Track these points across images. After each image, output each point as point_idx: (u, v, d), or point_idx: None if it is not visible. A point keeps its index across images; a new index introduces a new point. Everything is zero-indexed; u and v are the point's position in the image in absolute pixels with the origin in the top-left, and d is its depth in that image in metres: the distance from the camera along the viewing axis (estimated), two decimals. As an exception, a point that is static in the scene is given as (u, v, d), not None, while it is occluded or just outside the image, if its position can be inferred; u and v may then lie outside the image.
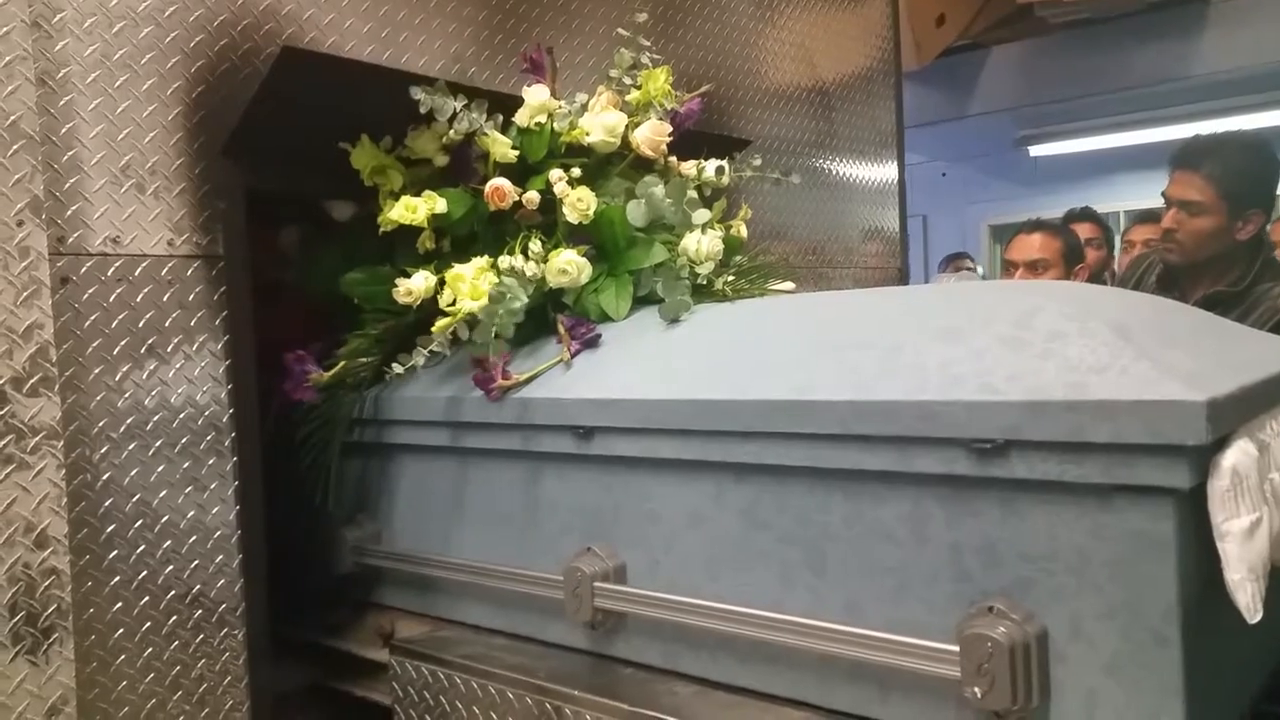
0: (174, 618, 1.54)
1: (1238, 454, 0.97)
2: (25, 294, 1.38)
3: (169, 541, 1.54)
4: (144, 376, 1.53)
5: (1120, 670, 0.99)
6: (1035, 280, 2.96)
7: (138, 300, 1.53)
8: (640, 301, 1.62)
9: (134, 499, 1.51)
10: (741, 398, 1.25)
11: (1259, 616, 0.96)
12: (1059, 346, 1.05)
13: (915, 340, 1.18)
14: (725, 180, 1.77)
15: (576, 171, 1.66)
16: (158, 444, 1.54)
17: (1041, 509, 1.03)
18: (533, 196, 1.65)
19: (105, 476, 1.48)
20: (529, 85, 1.72)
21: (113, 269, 1.50)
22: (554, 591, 1.44)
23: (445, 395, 1.62)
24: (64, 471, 1.41)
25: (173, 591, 1.54)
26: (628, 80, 1.79)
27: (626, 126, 1.72)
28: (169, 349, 1.56)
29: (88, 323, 1.48)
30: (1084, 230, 3.62)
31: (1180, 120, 6.42)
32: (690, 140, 1.81)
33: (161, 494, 1.54)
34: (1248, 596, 0.95)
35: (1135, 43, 6.09)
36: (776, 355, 1.30)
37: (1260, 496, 1.00)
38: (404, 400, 1.69)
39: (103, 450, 1.48)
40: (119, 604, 1.49)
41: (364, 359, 1.75)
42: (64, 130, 1.46)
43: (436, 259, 1.71)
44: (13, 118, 1.38)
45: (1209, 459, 0.96)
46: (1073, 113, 7.07)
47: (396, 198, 1.69)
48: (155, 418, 1.54)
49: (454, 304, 1.58)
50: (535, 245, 1.60)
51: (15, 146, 1.38)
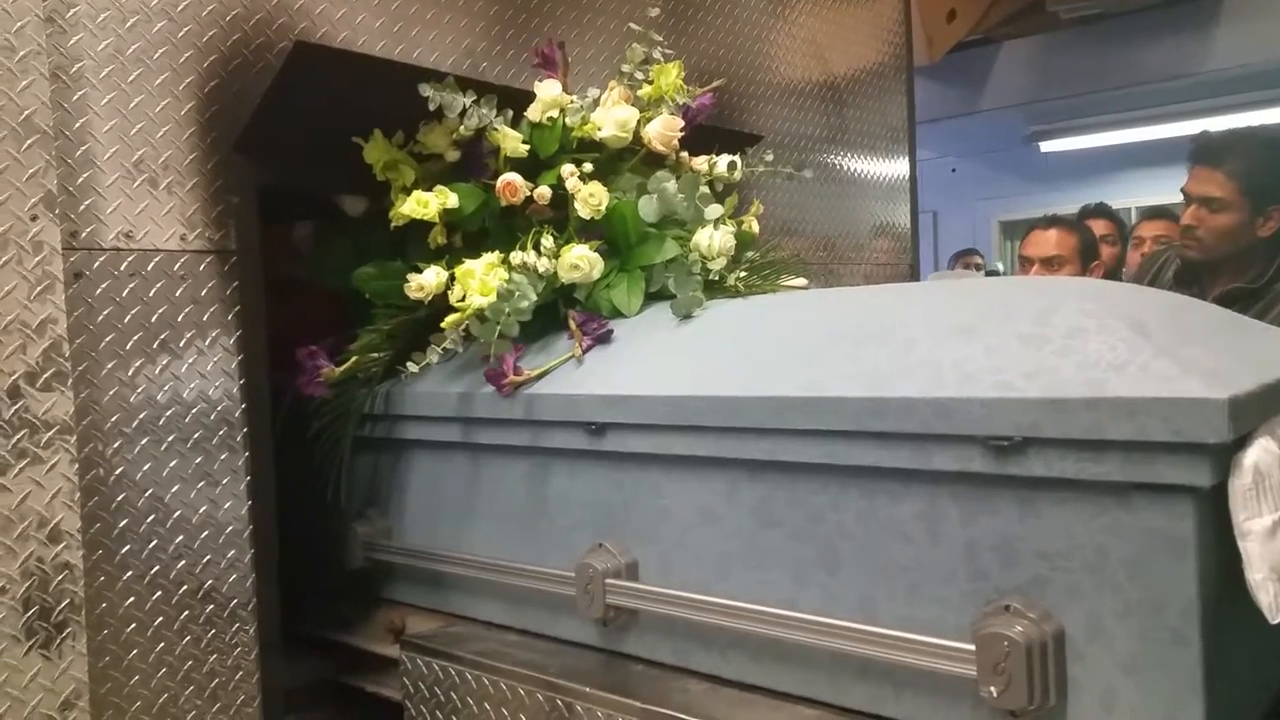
0: (186, 613, 1.55)
1: (1259, 452, 0.96)
2: (39, 289, 1.38)
3: (181, 536, 1.54)
4: (157, 371, 1.53)
5: (1138, 670, 0.99)
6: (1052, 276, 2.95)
7: (150, 295, 1.53)
8: (652, 297, 1.62)
9: (146, 494, 1.51)
10: (754, 394, 1.24)
11: (1280, 617, 0.95)
12: (1078, 343, 1.04)
13: (931, 337, 1.17)
14: (737, 175, 1.77)
15: (588, 166, 1.66)
16: (170, 439, 1.54)
17: (1059, 507, 1.02)
18: (544, 192, 1.65)
19: (118, 471, 1.49)
20: (541, 80, 1.72)
21: (126, 264, 1.51)
22: (565, 588, 1.44)
23: (457, 391, 1.61)
24: (77, 466, 1.42)
25: (185, 586, 1.54)
26: (639, 75, 1.79)
27: (638, 121, 1.71)
28: (181, 344, 1.56)
29: (101, 318, 1.48)
30: (1099, 226, 3.59)
31: (1193, 116, 6.38)
32: (702, 135, 1.81)
33: (174, 489, 1.54)
34: (1270, 596, 0.94)
35: (1147, 38, 6.05)
36: (789, 351, 1.30)
37: (1282, 495, 0.99)
38: (415, 395, 1.69)
39: (115, 445, 1.48)
40: (131, 599, 1.49)
41: (375, 354, 1.75)
42: (77, 125, 1.46)
43: (448, 254, 1.71)
44: (27, 112, 1.38)
45: (1230, 457, 0.96)
46: (1084, 108, 7.03)
47: (408, 193, 1.68)
48: (168, 413, 1.54)
49: (464, 300, 1.58)
50: (547, 241, 1.60)
51: (29, 141, 1.38)
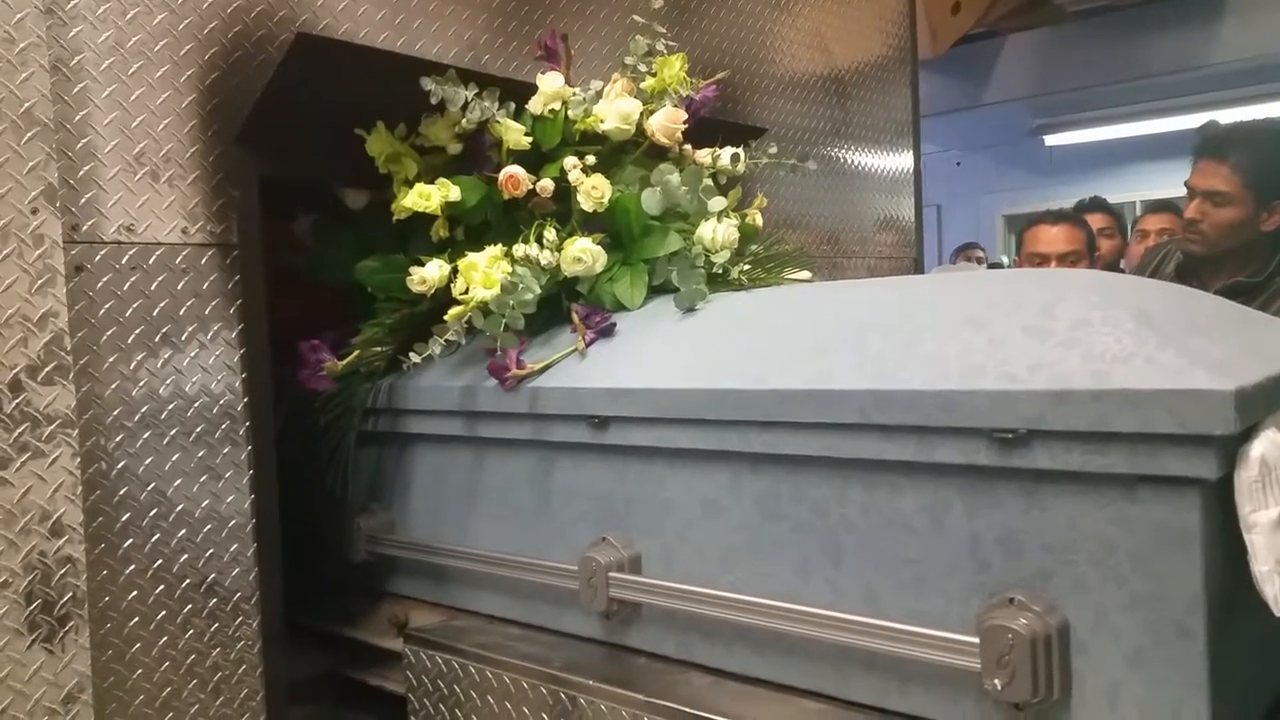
0: (189, 606, 1.55)
1: (1266, 444, 0.95)
2: (40, 282, 1.38)
3: (184, 530, 1.54)
4: (158, 365, 1.53)
5: (1143, 663, 0.98)
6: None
7: (152, 288, 1.53)
8: (655, 290, 1.61)
9: (149, 487, 1.51)
10: (758, 387, 1.24)
11: (1286, 609, 0.94)
12: (1082, 335, 1.04)
13: (936, 329, 1.16)
14: (740, 168, 1.76)
15: (591, 159, 1.65)
16: (172, 432, 1.54)
17: (1064, 500, 1.02)
18: (547, 184, 1.64)
19: (120, 465, 1.48)
20: (543, 72, 1.71)
21: (127, 257, 1.50)
22: (569, 581, 1.44)
23: (460, 384, 1.61)
24: (79, 460, 1.42)
25: (188, 580, 1.54)
26: (643, 67, 1.78)
27: (641, 114, 1.70)
28: (183, 337, 1.55)
29: (102, 311, 1.48)
30: (1096, 220, 3.58)
31: (1197, 109, 6.36)
32: (705, 128, 1.80)
33: (176, 482, 1.54)
34: (1275, 589, 0.94)
35: (1152, 31, 6.04)
36: (793, 344, 1.29)
37: (1288, 488, 0.99)
38: (418, 389, 1.69)
39: (117, 439, 1.48)
40: (134, 592, 1.49)
41: (378, 348, 1.75)
42: (78, 118, 1.45)
43: (450, 247, 1.70)
44: (27, 105, 1.37)
45: (1236, 449, 0.95)
46: (1088, 102, 7.02)
47: (410, 185, 1.68)
48: (170, 406, 1.54)
49: (467, 292, 1.58)
50: (550, 234, 1.59)
51: (29, 134, 1.37)
